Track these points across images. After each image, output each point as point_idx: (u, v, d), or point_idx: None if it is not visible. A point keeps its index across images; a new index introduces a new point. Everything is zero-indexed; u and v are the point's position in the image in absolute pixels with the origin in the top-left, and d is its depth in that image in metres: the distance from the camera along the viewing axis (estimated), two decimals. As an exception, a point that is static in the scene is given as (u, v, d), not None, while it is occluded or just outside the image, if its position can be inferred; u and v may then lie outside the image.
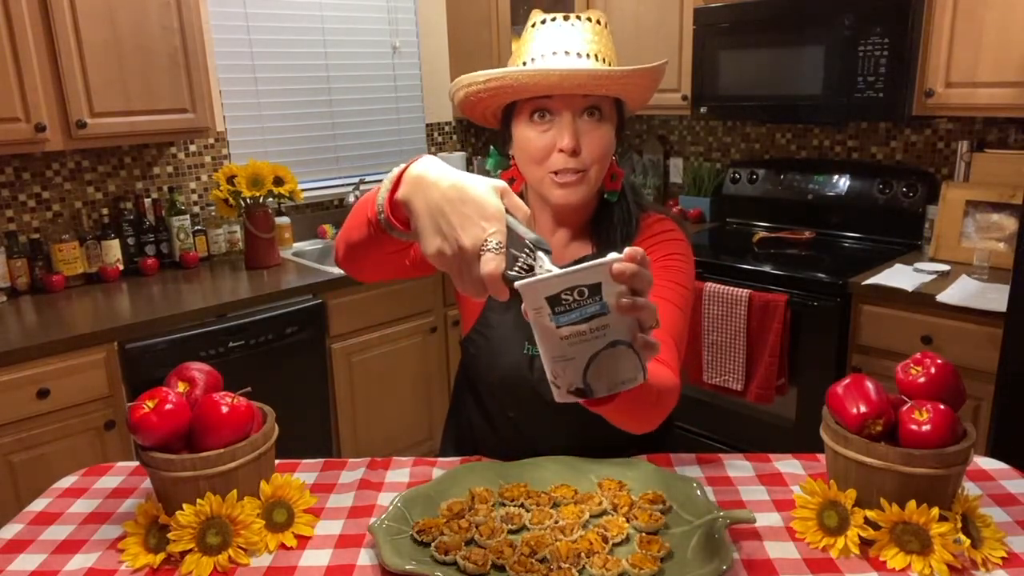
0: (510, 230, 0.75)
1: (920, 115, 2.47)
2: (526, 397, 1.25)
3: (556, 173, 1.12)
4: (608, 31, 1.13)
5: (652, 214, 1.26)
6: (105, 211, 2.77)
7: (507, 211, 0.76)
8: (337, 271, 2.76)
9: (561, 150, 1.11)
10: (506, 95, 1.13)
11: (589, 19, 1.11)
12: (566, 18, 1.10)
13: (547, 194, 1.15)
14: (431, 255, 0.77)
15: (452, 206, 0.75)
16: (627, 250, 0.69)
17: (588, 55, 1.08)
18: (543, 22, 1.11)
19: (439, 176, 0.78)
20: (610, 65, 1.11)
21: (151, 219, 2.83)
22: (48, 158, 2.62)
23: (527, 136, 1.13)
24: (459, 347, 1.38)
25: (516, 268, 0.73)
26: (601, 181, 1.18)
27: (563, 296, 0.67)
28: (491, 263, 0.72)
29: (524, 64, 1.11)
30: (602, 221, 1.24)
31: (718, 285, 2.59)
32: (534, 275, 0.71)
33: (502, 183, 0.78)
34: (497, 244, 0.73)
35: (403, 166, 0.82)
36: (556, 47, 1.08)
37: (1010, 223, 2.43)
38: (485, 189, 0.76)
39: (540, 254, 0.73)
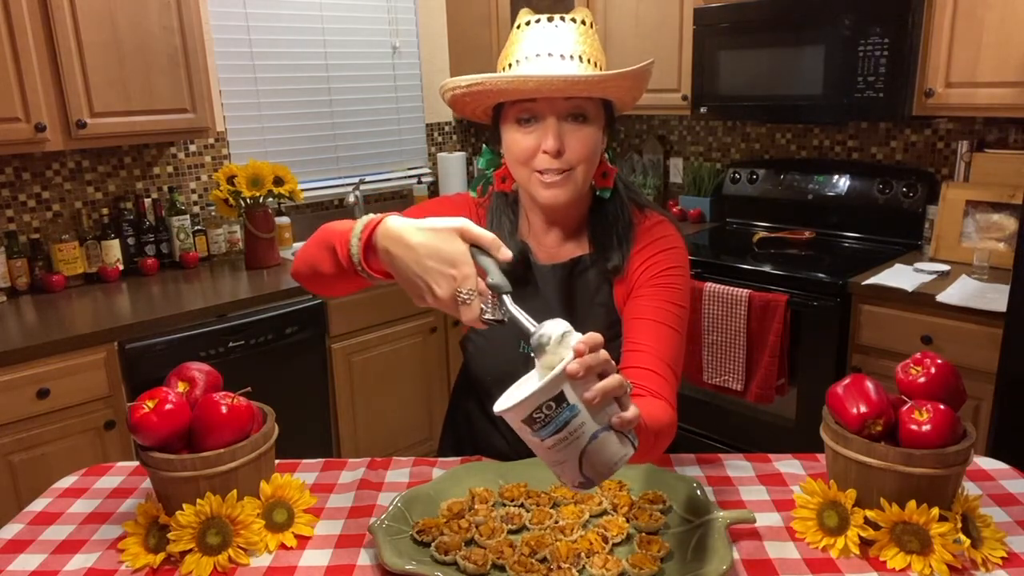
0: (478, 267, 0.83)
1: (920, 115, 2.47)
2: None
3: (542, 173, 1.13)
4: (594, 31, 1.13)
5: (649, 214, 1.26)
6: (105, 211, 2.77)
7: (475, 247, 0.84)
8: (337, 271, 2.75)
9: (545, 151, 1.11)
10: (489, 98, 1.14)
11: (574, 20, 1.10)
12: (550, 19, 1.10)
13: (534, 194, 1.16)
14: (419, 306, 0.88)
15: (420, 265, 0.84)
16: (576, 345, 0.73)
17: (572, 56, 1.08)
18: (528, 23, 1.11)
19: (405, 234, 0.86)
20: (596, 65, 1.11)
21: (151, 219, 2.82)
22: (48, 158, 2.62)
23: (513, 137, 1.15)
24: (459, 347, 1.39)
25: (489, 306, 0.82)
26: (589, 180, 1.18)
27: (535, 415, 0.73)
28: (468, 313, 0.82)
29: (510, 66, 1.11)
30: (597, 219, 1.24)
31: (718, 285, 2.59)
32: (506, 310, 0.80)
33: (461, 222, 0.85)
34: (468, 292, 0.82)
35: (369, 219, 0.91)
36: (540, 49, 1.09)
37: (1010, 223, 2.43)
38: (448, 238, 0.84)
39: (504, 298, 0.81)
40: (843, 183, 2.92)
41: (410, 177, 3.65)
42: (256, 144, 3.12)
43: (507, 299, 0.81)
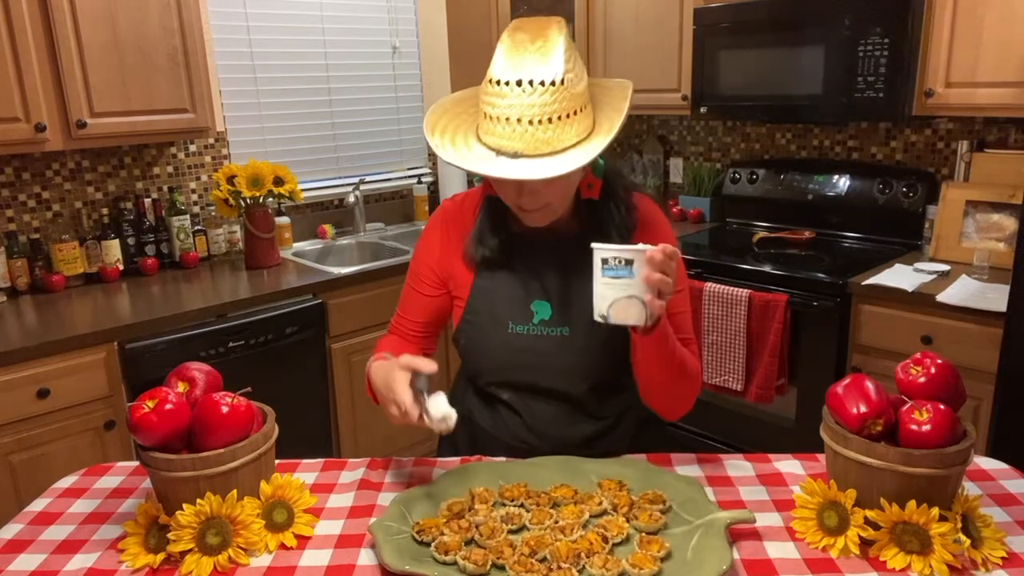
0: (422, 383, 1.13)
1: (920, 115, 2.47)
2: (515, 371, 1.31)
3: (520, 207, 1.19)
4: (575, 76, 1.10)
5: (639, 201, 1.30)
6: (105, 211, 2.77)
7: (415, 375, 1.13)
8: (337, 271, 2.76)
9: (519, 206, 1.18)
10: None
11: (543, 83, 1.06)
12: (519, 83, 1.07)
13: (518, 215, 1.23)
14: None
15: (381, 400, 1.19)
16: (661, 246, 1.04)
17: (541, 120, 1.07)
18: (497, 82, 1.08)
19: (377, 384, 1.23)
20: (571, 114, 1.09)
21: (151, 219, 2.82)
22: (48, 158, 2.62)
23: (493, 178, 1.15)
24: (454, 346, 1.42)
25: (429, 413, 1.10)
26: (569, 202, 1.23)
27: (609, 259, 1.06)
28: (411, 419, 1.10)
29: (485, 115, 1.11)
30: (589, 221, 1.26)
31: (718, 285, 2.59)
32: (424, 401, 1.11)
33: (401, 362, 1.14)
34: (411, 407, 1.10)
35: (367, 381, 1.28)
36: (511, 113, 1.07)
37: (1010, 223, 2.43)
38: (396, 380, 1.12)
39: (424, 397, 1.12)
40: (843, 183, 2.92)
41: (410, 177, 3.65)
42: (256, 144, 3.12)
43: (424, 396, 1.12)
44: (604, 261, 1.05)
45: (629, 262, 1.04)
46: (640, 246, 1.04)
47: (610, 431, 1.34)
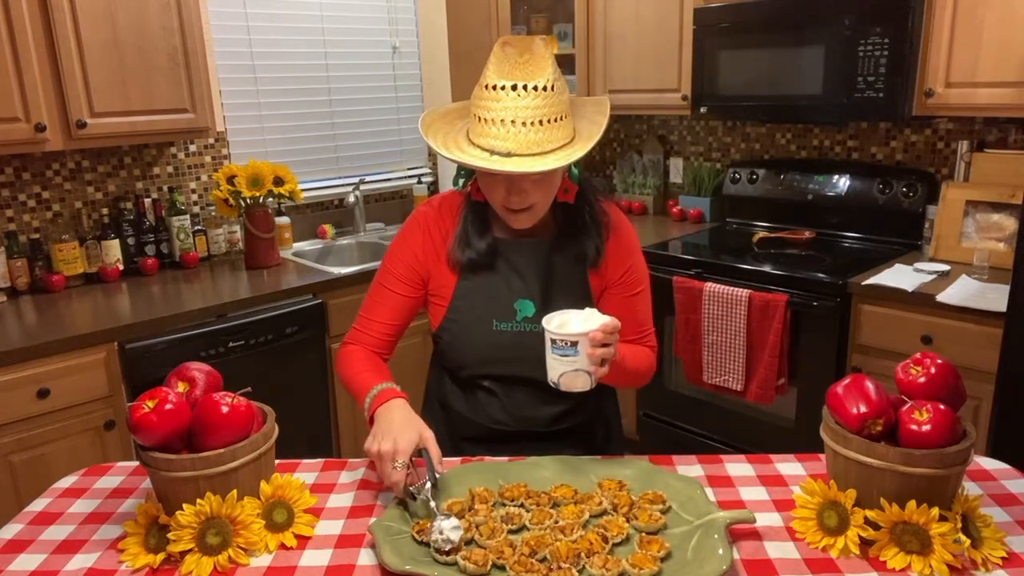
0: (424, 460, 1.16)
1: (920, 115, 2.47)
2: (499, 364, 1.39)
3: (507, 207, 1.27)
4: (560, 85, 1.20)
5: (607, 206, 1.40)
6: (105, 211, 2.77)
7: (427, 450, 1.17)
8: (337, 270, 2.76)
9: (506, 206, 1.26)
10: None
11: (536, 88, 1.17)
12: (514, 88, 1.17)
13: (503, 217, 1.31)
14: (365, 448, 1.19)
15: (382, 429, 1.18)
16: (595, 333, 1.13)
17: (533, 123, 1.17)
18: (493, 88, 1.18)
19: (390, 412, 1.23)
20: (558, 119, 1.19)
21: (151, 219, 2.82)
22: (48, 158, 2.62)
23: (480, 175, 1.28)
24: (433, 341, 1.47)
25: (416, 486, 1.11)
26: (548, 206, 1.31)
27: (556, 340, 1.16)
28: (395, 475, 1.12)
29: (479, 119, 1.20)
30: (565, 223, 1.37)
31: (718, 285, 2.59)
32: (425, 494, 1.10)
33: (426, 434, 1.19)
34: (401, 463, 1.12)
35: (371, 405, 1.27)
36: (505, 115, 1.17)
37: (1010, 223, 2.43)
38: (410, 431, 1.17)
39: (427, 487, 1.11)
40: (843, 183, 2.92)
41: (410, 177, 3.65)
42: (256, 144, 3.12)
43: (428, 491, 1.10)
44: (553, 341, 1.15)
45: (574, 343, 1.13)
46: (583, 329, 1.13)
47: (575, 408, 1.42)
